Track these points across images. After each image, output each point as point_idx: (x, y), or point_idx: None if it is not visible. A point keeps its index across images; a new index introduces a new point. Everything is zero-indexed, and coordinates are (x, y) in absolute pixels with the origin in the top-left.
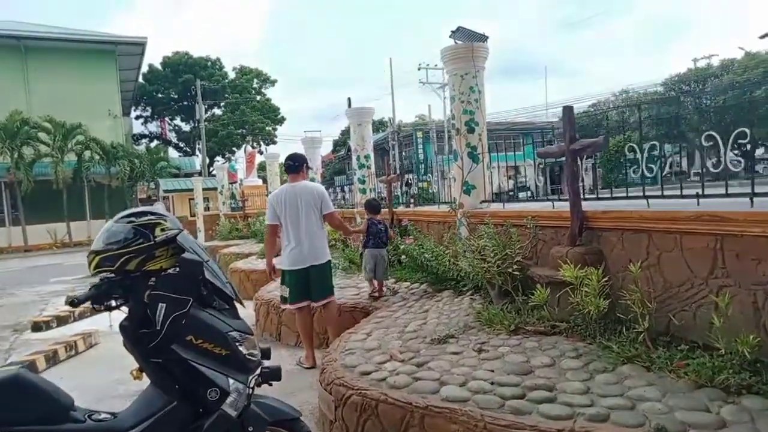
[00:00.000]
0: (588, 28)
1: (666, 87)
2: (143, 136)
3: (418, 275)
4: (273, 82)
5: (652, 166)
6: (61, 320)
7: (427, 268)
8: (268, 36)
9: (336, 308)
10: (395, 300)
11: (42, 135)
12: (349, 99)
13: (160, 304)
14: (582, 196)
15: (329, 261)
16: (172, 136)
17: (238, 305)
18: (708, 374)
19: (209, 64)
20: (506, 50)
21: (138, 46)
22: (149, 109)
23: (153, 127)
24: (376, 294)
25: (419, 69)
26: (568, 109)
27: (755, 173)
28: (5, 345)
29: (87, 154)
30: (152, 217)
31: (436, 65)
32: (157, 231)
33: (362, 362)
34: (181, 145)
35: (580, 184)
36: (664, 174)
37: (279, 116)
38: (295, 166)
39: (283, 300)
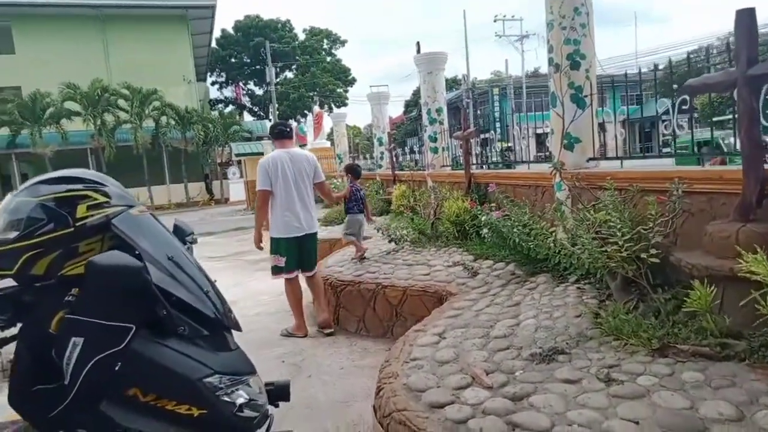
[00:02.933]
0: None
1: None
2: (219, 101)
3: (503, 252)
4: (343, 43)
5: None
6: None
7: (516, 246)
8: None
9: (320, 277)
10: (475, 284)
11: (121, 102)
12: (418, 43)
13: (73, 338)
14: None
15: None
16: (245, 101)
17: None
18: None
19: (279, 26)
20: None
21: (208, 9)
22: (224, 74)
23: (228, 92)
24: (364, 255)
25: (495, 21)
26: (745, 16)
27: None
28: None
29: (163, 119)
30: (77, 186)
31: (513, 16)
32: (81, 210)
33: (433, 385)
34: (255, 109)
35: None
36: None
37: (350, 77)
38: (287, 132)
39: (277, 270)
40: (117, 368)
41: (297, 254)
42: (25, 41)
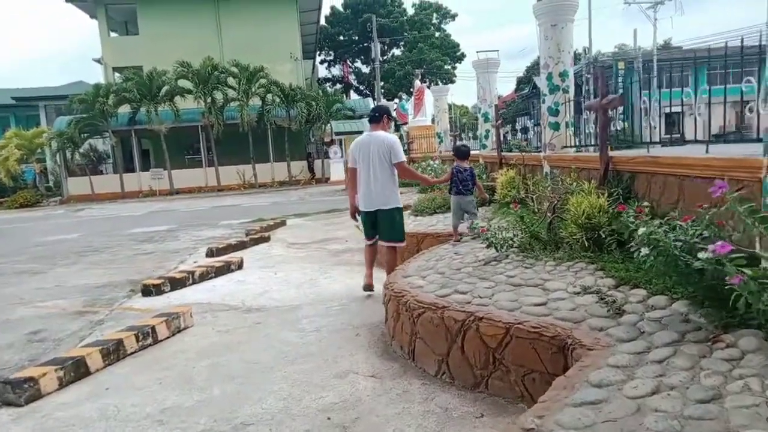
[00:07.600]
0: None
1: None
2: (327, 79)
3: (667, 281)
4: (453, 17)
5: None
6: (176, 283)
7: (692, 277)
8: None
9: (397, 255)
10: (622, 334)
11: (230, 80)
12: None
13: None
14: None
15: (398, 208)
16: (352, 79)
17: None
18: None
19: (388, 1)
20: None
21: None
22: (332, 53)
23: (336, 70)
24: (458, 240)
25: None
26: None
27: None
28: (101, 314)
29: (269, 97)
30: None
31: None
32: None
33: None
34: (361, 87)
35: None
36: None
37: (458, 53)
38: (376, 116)
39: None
40: None
41: (373, 225)
42: (148, 23)
